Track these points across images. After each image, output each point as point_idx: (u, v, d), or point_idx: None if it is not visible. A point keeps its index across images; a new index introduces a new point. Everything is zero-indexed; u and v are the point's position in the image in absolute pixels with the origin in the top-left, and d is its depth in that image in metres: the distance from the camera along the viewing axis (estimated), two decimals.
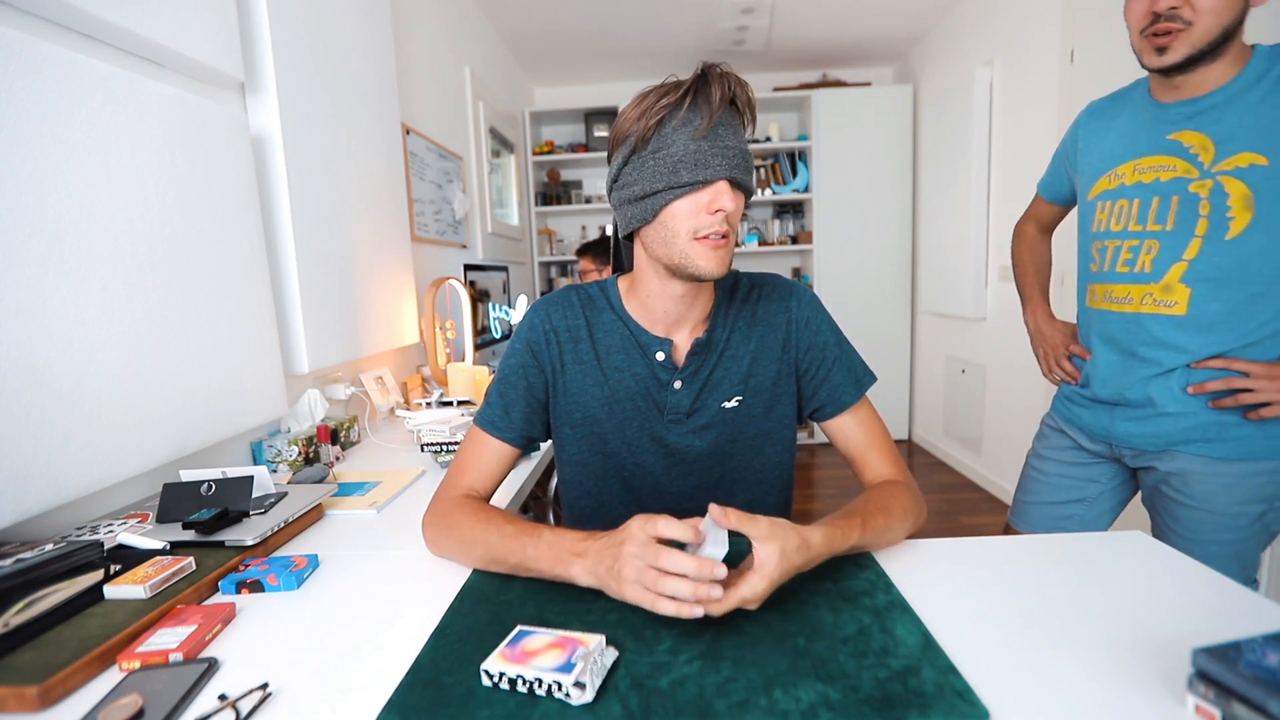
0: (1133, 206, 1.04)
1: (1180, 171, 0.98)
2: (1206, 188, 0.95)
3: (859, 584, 0.70)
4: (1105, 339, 1.12)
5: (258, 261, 1.26)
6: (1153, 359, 1.05)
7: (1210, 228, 0.96)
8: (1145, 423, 1.09)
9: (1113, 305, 1.09)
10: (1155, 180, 1.01)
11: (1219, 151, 0.95)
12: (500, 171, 3.55)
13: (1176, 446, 1.06)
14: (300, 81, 1.43)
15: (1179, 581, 0.70)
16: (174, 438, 1.03)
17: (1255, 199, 0.92)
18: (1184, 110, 0.99)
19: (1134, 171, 1.04)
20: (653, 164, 0.76)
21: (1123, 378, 1.10)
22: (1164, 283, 1.01)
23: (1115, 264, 1.07)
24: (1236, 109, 0.94)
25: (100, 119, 0.93)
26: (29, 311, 0.81)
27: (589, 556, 0.66)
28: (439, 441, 1.31)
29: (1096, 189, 1.11)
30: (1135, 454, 1.13)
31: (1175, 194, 0.98)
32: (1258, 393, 0.96)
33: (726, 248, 0.78)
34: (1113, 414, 1.13)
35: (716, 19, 3.38)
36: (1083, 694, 0.51)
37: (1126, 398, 1.10)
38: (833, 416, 0.91)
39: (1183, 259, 0.99)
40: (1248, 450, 1.01)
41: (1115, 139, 1.09)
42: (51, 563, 0.70)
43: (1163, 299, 1.02)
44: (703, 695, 0.52)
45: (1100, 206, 1.10)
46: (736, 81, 0.76)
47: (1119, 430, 1.12)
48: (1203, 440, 1.03)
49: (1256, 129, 0.92)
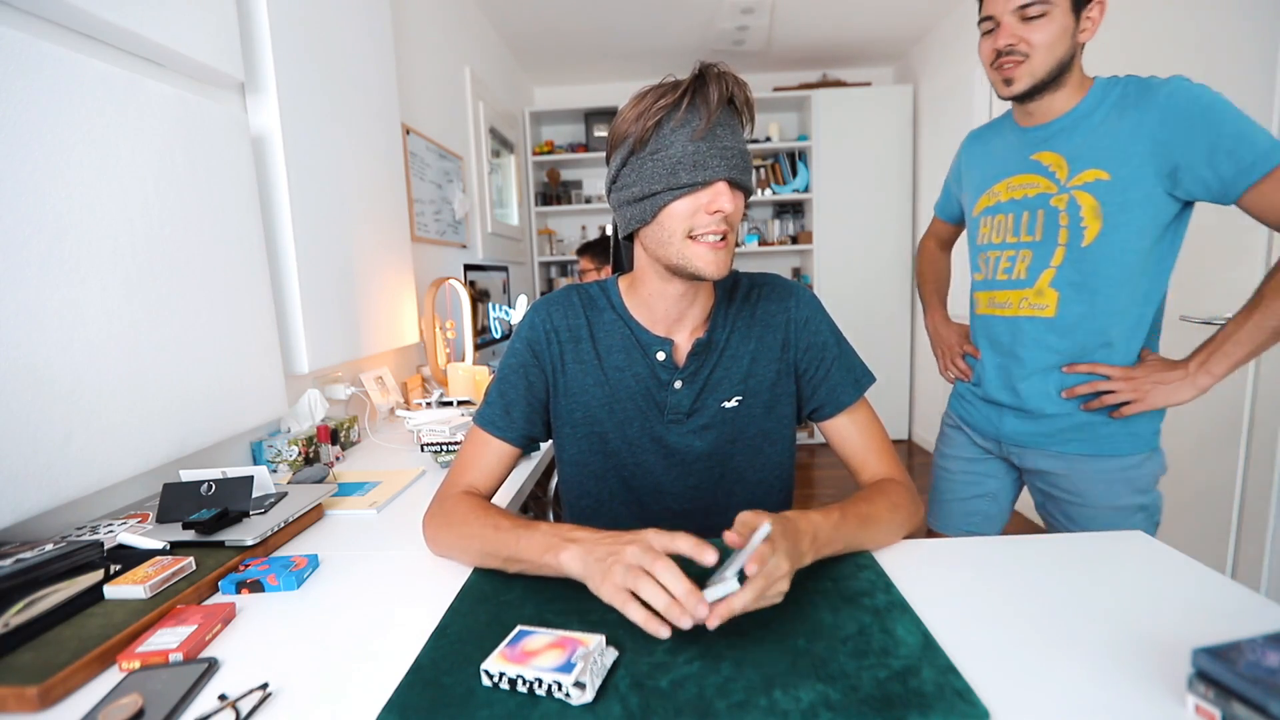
0: (1008, 220, 1.15)
1: (1042, 188, 1.09)
2: (1064, 201, 1.06)
3: (859, 584, 0.70)
4: (991, 342, 1.21)
5: (258, 261, 1.26)
6: (1030, 360, 1.14)
7: (1070, 237, 1.07)
8: (1028, 421, 1.16)
9: (997, 310, 1.18)
10: (1024, 196, 1.12)
11: (1071, 169, 1.06)
12: (500, 171, 3.55)
13: (1056, 445, 1.14)
14: (300, 81, 1.43)
15: (1179, 581, 0.70)
16: (174, 438, 1.03)
17: (1102, 209, 1.03)
18: (1040, 133, 1.11)
19: (1007, 189, 1.16)
20: (651, 165, 0.76)
21: (1006, 378, 1.18)
22: (1037, 287, 1.11)
23: (997, 272, 1.18)
24: (1082, 131, 1.05)
25: (100, 119, 0.93)
26: (29, 311, 0.81)
27: (582, 543, 0.66)
28: (439, 441, 1.31)
29: (979, 206, 1.22)
30: (1020, 452, 1.20)
31: (1040, 208, 1.10)
32: (1118, 393, 1.06)
33: (726, 248, 0.78)
34: (1001, 413, 1.21)
35: (716, 19, 3.38)
36: (1083, 694, 0.51)
37: (1010, 398, 1.17)
38: (831, 416, 0.91)
39: (1051, 265, 1.09)
40: (1115, 447, 1.10)
41: (990, 161, 1.21)
42: (51, 563, 0.70)
43: (1036, 302, 1.12)
44: (703, 695, 0.52)
45: (983, 222, 1.21)
46: (734, 81, 0.76)
47: (1006, 429, 1.20)
48: (1078, 439, 1.12)
49: (1099, 148, 1.03)
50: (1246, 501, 1.71)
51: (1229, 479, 1.73)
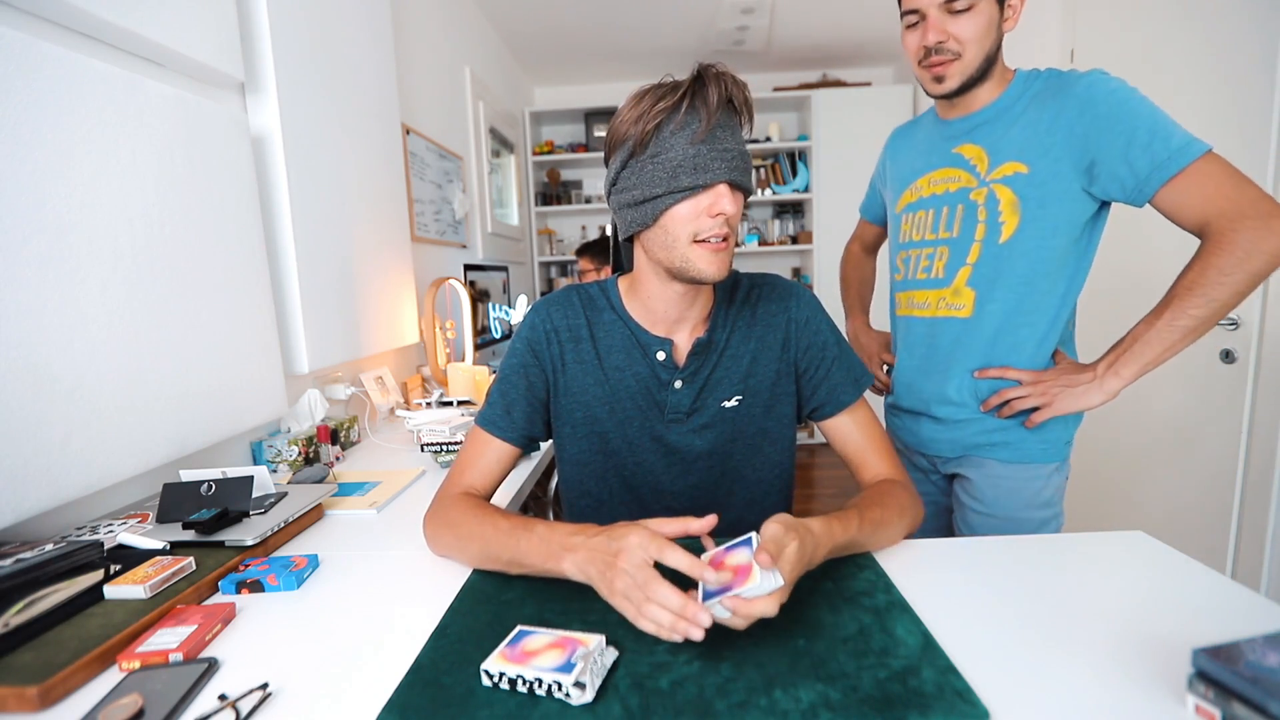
0: (928, 217, 1.11)
1: (963, 182, 1.06)
2: (983, 195, 1.03)
3: (859, 584, 0.70)
4: (908, 345, 1.17)
5: (258, 261, 1.26)
6: (945, 363, 1.10)
7: (986, 232, 1.03)
8: (944, 429, 1.12)
9: (915, 311, 1.14)
10: (945, 191, 1.08)
11: (991, 162, 1.03)
12: (500, 171, 3.55)
13: (972, 452, 1.10)
14: (300, 81, 1.43)
15: (1179, 581, 0.70)
16: (174, 438, 1.03)
17: (1020, 204, 1.00)
18: (962, 125, 1.08)
19: (929, 184, 1.12)
20: (651, 168, 0.76)
21: (922, 383, 1.14)
22: (954, 286, 1.08)
23: (916, 271, 1.13)
24: (1004, 122, 1.03)
25: (100, 119, 0.93)
26: (29, 311, 0.81)
27: (580, 552, 0.65)
28: (439, 441, 1.31)
29: (901, 203, 1.18)
30: (943, 461, 1.16)
31: (960, 203, 1.06)
32: (1028, 398, 1.02)
33: (727, 250, 0.78)
34: (918, 421, 1.17)
35: (716, 19, 3.38)
36: (1083, 694, 0.51)
37: (925, 404, 1.14)
38: (831, 416, 0.91)
39: (967, 263, 1.06)
40: (1026, 455, 1.06)
41: (913, 155, 1.17)
42: (51, 563, 0.70)
43: (954, 302, 1.08)
44: (703, 695, 0.52)
45: (905, 219, 1.16)
46: (733, 81, 0.76)
47: (924, 435, 1.16)
48: (990, 445, 1.08)
49: (1019, 141, 1.00)
50: (1246, 502, 1.71)
51: (1229, 479, 1.73)
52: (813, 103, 3.99)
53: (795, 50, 3.97)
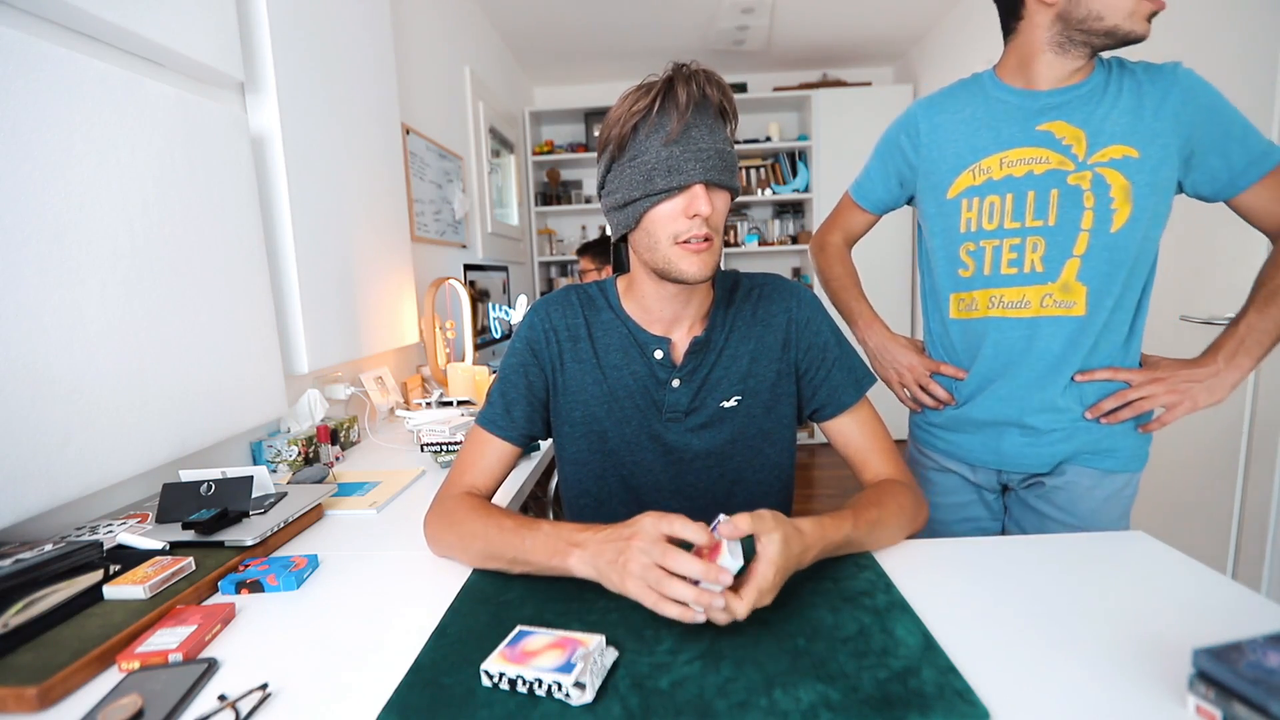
0: (1005, 201, 0.99)
1: (1054, 164, 0.96)
2: (1086, 179, 0.94)
3: (859, 584, 0.70)
4: (993, 350, 1.03)
5: (257, 261, 1.26)
6: (1050, 367, 0.99)
7: (1095, 221, 0.95)
8: (1038, 440, 1.02)
9: (1006, 311, 1.01)
10: (1029, 173, 0.97)
11: (1091, 144, 0.94)
12: (500, 171, 3.55)
13: (1065, 463, 1.02)
14: (300, 81, 1.43)
15: (1179, 581, 0.70)
16: (174, 438, 1.03)
17: (1133, 190, 0.93)
18: (1048, 100, 0.97)
19: (1001, 165, 0.99)
20: (630, 171, 0.77)
21: (1013, 392, 1.02)
22: (1061, 281, 0.97)
23: (1000, 265, 1.00)
24: (1098, 102, 0.95)
25: (100, 119, 0.93)
26: (29, 311, 0.81)
27: (588, 547, 0.66)
28: (439, 441, 1.31)
29: (958, 186, 1.03)
30: (1021, 479, 1.06)
31: (1054, 187, 0.96)
32: (1154, 398, 0.96)
33: (710, 250, 0.78)
34: (1000, 434, 1.05)
35: (716, 19, 3.38)
36: (1083, 694, 0.51)
37: (1016, 413, 1.02)
38: (833, 417, 0.90)
39: (1074, 255, 0.96)
40: (1128, 462, 1.01)
41: (972, 131, 1.03)
42: (51, 563, 0.70)
43: (1063, 299, 0.97)
44: (703, 695, 0.52)
45: (966, 205, 1.02)
46: (707, 78, 0.75)
47: (1008, 450, 1.05)
48: (1093, 453, 1.01)
49: (1124, 124, 0.93)
50: (1246, 501, 1.70)
51: (1229, 479, 1.73)
52: (813, 103, 3.99)
53: (795, 50, 3.97)
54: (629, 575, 0.61)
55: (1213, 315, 1.73)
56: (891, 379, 1.18)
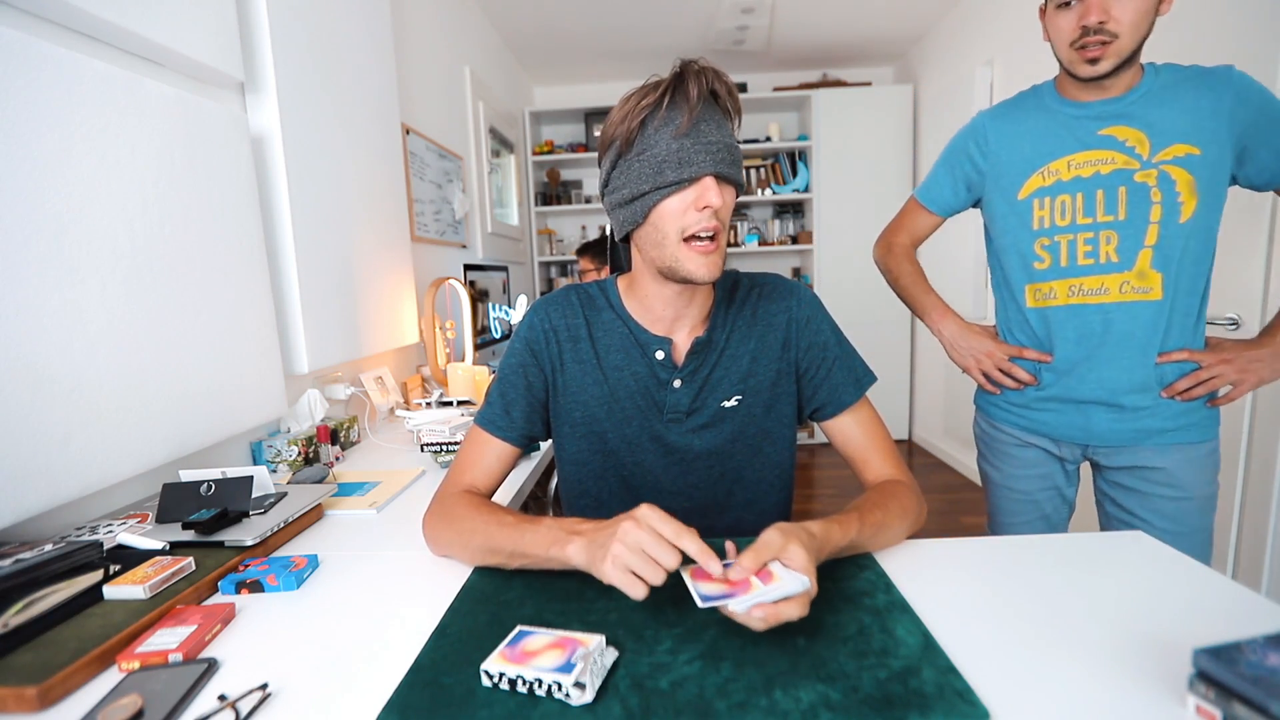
0: (1075, 200, 1.08)
1: (1119, 164, 1.05)
2: (1152, 177, 1.03)
3: (859, 584, 0.70)
4: (1077, 334, 1.12)
5: (257, 261, 1.26)
6: (1132, 349, 1.08)
7: (1164, 213, 1.03)
8: (1126, 417, 1.11)
9: (1086, 298, 1.10)
10: (1096, 173, 1.07)
11: (1154, 144, 1.03)
12: (500, 171, 3.55)
13: (1156, 439, 1.10)
14: (300, 81, 1.43)
15: (1179, 581, 0.70)
16: (174, 438, 1.03)
17: (1197, 184, 1.02)
18: (1108, 108, 1.07)
19: (1069, 167, 1.09)
20: (638, 166, 0.76)
21: (1100, 372, 1.11)
22: (1137, 269, 1.06)
23: (1077, 257, 1.10)
24: (1158, 106, 1.04)
25: (100, 119, 0.93)
26: (29, 311, 0.81)
27: (586, 535, 0.66)
28: (439, 441, 1.31)
29: (1029, 187, 1.13)
30: (1110, 451, 1.14)
31: (1122, 184, 1.05)
32: (1222, 377, 1.05)
33: (717, 251, 0.78)
34: (1087, 413, 1.14)
35: (716, 19, 3.38)
36: (1083, 694, 0.51)
37: (1105, 393, 1.11)
38: (833, 416, 0.90)
39: (1146, 245, 1.05)
40: (1205, 432, 1.10)
41: (1037, 139, 1.13)
42: (51, 563, 0.70)
43: (1140, 285, 1.06)
44: (703, 695, 0.52)
45: (1038, 204, 1.12)
46: (715, 75, 0.76)
47: (1097, 428, 1.13)
48: (1178, 429, 1.09)
49: (1183, 125, 1.02)
50: (1246, 501, 1.70)
51: (1229, 479, 1.73)
52: (813, 103, 3.99)
53: (795, 50, 3.97)
54: (609, 556, 0.61)
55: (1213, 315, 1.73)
56: (970, 365, 1.26)
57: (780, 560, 0.61)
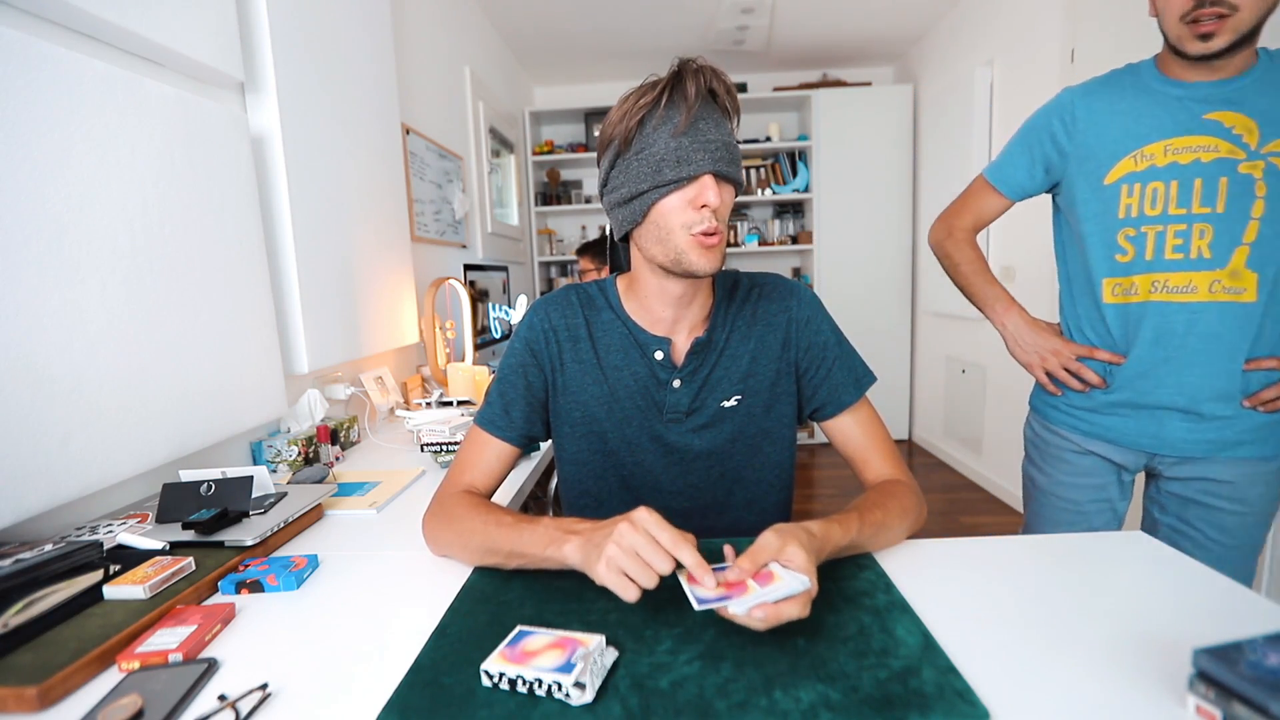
0: (1171, 188, 1.00)
1: (1223, 152, 0.96)
2: (1258, 169, 0.95)
3: (859, 584, 0.70)
4: (1155, 335, 1.03)
5: (257, 261, 1.26)
6: (1215, 353, 1.01)
7: (1268, 209, 0.95)
8: (1203, 426, 1.03)
9: (1171, 296, 1.01)
10: (1195, 161, 0.98)
11: (1263, 134, 0.95)
12: (500, 171, 3.55)
13: (1231, 450, 1.03)
14: (300, 81, 1.43)
15: (1179, 582, 0.70)
16: (174, 438, 1.03)
17: None
18: (1217, 91, 0.98)
19: (1166, 152, 1.00)
20: (637, 165, 0.77)
21: (1180, 377, 1.02)
22: (1230, 268, 0.97)
23: (1163, 251, 1.01)
24: (1270, 93, 0.95)
25: (100, 119, 0.93)
26: (29, 311, 0.81)
27: (583, 535, 0.66)
28: (439, 441, 1.31)
29: (1117, 172, 1.04)
30: (1177, 462, 1.07)
31: (1222, 175, 0.96)
32: None
33: (718, 245, 0.78)
34: (1160, 419, 1.06)
35: (716, 19, 3.38)
36: (1083, 694, 0.51)
37: (1183, 400, 1.03)
38: (833, 416, 0.90)
39: (1243, 242, 0.96)
40: (1277, 448, 1.03)
41: (1133, 120, 1.03)
42: (51, 563, 0.70)
43: (1232, 285, 0.98)
44: (703, 695, 0.52)
45: (1126, 190, 1.03)
46: (713, 74, 0.76)
47: (1170, 436, 1.05)
48: (1254, 441, 1.02)
49: None
50: None
51: None
52: (813, 103, 4.00)
53: (795, 50, 3.97)
54: (603, 557, 0.61)
55: None
56: (1033, 362, 1.18)
57: (779, 561, 0.61)
